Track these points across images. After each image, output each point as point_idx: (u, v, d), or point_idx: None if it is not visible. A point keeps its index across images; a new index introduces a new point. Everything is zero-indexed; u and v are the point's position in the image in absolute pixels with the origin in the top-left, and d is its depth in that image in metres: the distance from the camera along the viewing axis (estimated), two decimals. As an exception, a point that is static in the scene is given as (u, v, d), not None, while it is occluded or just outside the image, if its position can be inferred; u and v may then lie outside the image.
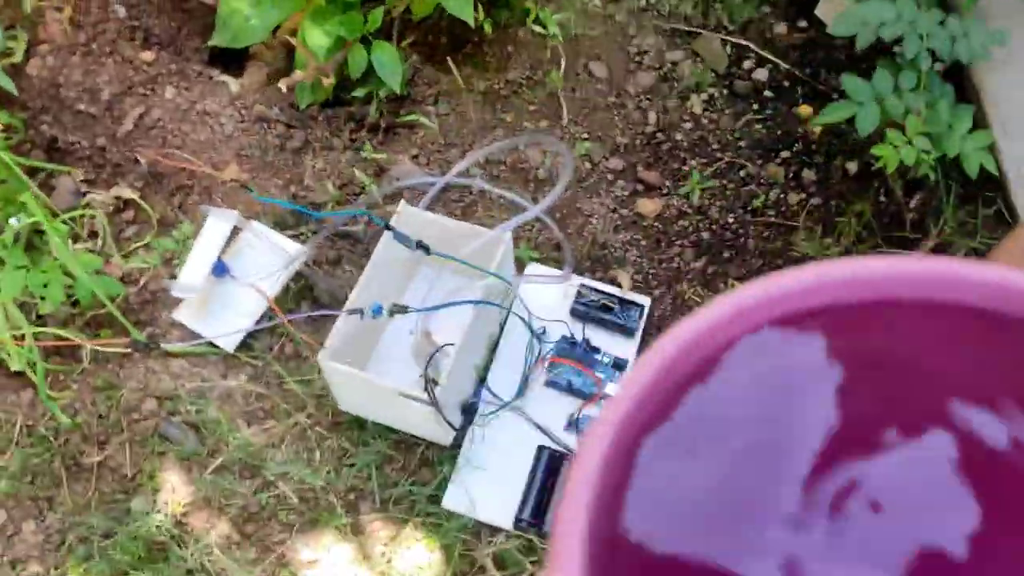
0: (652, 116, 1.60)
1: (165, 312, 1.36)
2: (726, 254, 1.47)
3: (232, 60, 1.66)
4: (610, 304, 1.34)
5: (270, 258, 1.33)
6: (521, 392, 1.26)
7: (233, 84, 1.57)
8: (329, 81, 1.45)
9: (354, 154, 1.52)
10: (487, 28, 1.63)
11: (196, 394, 1.28)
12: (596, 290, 1.35)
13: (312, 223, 1.44)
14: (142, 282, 1.37)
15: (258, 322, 1.30)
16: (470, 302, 1.19)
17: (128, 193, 1.47)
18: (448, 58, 1.61)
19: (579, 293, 1.34)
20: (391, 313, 1.19)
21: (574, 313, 1.34)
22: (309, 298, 1.37)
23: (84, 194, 1.48)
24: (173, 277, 1.37)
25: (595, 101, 1.62)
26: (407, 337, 1.33)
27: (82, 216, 1.42)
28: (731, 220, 1.50)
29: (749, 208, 1.51)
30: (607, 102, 1.62)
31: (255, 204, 1.44)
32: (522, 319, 1.26)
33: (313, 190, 1.48)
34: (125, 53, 1.59)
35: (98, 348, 1.29)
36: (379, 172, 1.50)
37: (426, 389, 1.16)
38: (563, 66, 1.63)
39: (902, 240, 1.47)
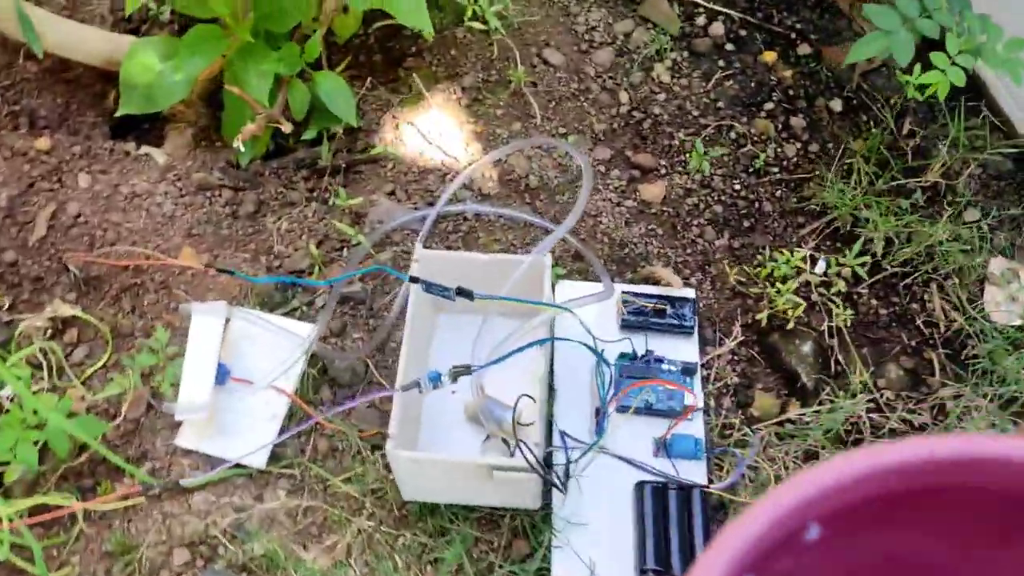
0: (623, 95, 1.48)
1: (159, 440, 1.13)
2: (746, 223, 1.37)
3: (135, 128, 1.42)
4: (662, 306, 1.21)
5: (275, 346, 1.13)
6: (603, 428, 1.12)
7: (158, 155, 1.33)
8: (287, 126, 1.24)
9: (321, 205, 1.33)
10: (426, 35, 1.46)
11: (234, 529, 1.06)
12: (642, 295, 1.22)
13: (303, 294, 1.24)
14: (123, 412, 1.14)
15: (285, 429, 1.10)
16: (540, 342, 1.04)
17: (65, 310, 1.22)
18: (412, 74, 1.43)
19: (624, 302, 1.21)
20: (454, 377, 1.01)
21: (626, 325, 1.21)
22: (325, 380, 1.18)
23: (9, 323, 1.22)
24: (156, 395, 1.15)
25: (559, 91, 1.48)
26: (451, 399, 1.16)
27: (20, 350, 1.17)
28: (738, 187, 1.41)
29: (752, 170, 1.42)
30: (571, 90, 1.48)
31: (231, 287, 1.23)
32: (588, 347, 1.11)
33: (288, 256, 1.28)
34: (14, 145, 1.32)
35: (94, 507, 1.05)
36: (356, 219, 1.31)
37: (514, 452, 1.00)
38: (517, 60, 1.48)
39: (910, 171, 1.42)
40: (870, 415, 1.19)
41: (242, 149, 1.20)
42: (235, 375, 1.12)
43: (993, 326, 1.28)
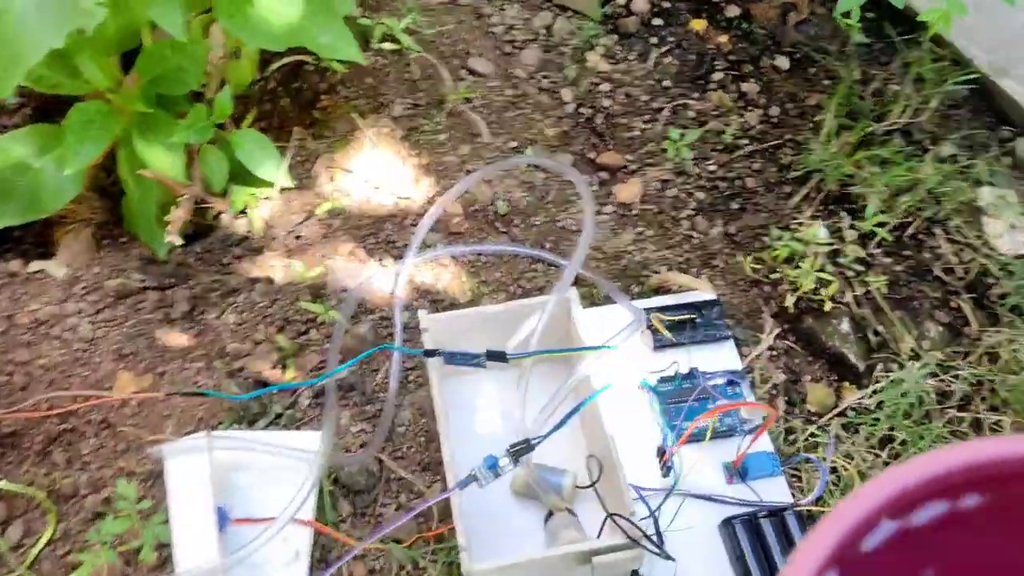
0: (565, 93, 1.34)
1: (152, 619, 0.91)
2: (735, 205, 1.26)
3: (6, 240, 1.16)
4: (691, 316, 1.08)
5: (273, 469, 0.93)
6: (677, 469, 0.97)
7: (54, 268, 1.09)
8: (223, 203, 1.03)
9: (267, 285, 1.12)
10: (336, 67, 1.27)
11: None
12: (666, 308, 1.09)
13: (281, 396, 1.03)
14: (98, 597, 0.90)
15: (316, 567, 0.90)
16: (597, 392, 0.88)
17: (-17, 484, 0.97)
18: (331, 114, 1.24)
19: (652, 322, 1.07)
20: (515, 459, 0.85)
21: (660, 345, 1.07)
22: (340, 491, 0.98)
23: (-87, 518, 0.96)
24: (131, 563, 0.92)
25: (496, 102, 1.32)
26: (492, 481, 0.98)
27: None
28: (713, 168, 1.29)
29: (721, 147, 1.31)
30: (508, 98, 1.33)
31: (192, 408, 1.01)
32: (648, 386, 0.97)
33: (248, 353, 1.07)
34: None
35: None
36: (317, 292, 1.12)
37: (603, 527, 0.84)
38: (444, 76, 1.31)
39: (877, 117, 1.34)
40: (926, 380, 1.10)
41: (177, 241, 0.99)
42: (236, 516, 0.90)
43: (1008, 258, 1.23)
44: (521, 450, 0.85)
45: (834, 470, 1.04)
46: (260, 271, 1.13)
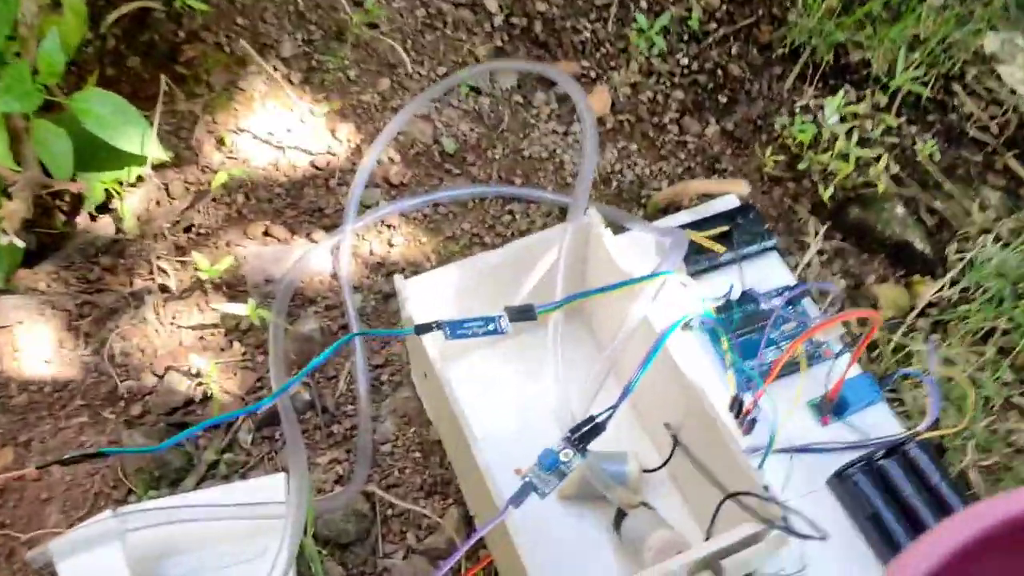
0: (490, 3, 1.08)
1: None
2: (723, 99, 1.04)
3: None
4: (726, 228, 0.84)
5: (227, 540, 0.63)
6: (771, 421, 0.73)
7: None
8: (81, 186, 0.72)
9: (159, 295, 0.81)
10: (197, 5, 0.97)
11: None
12: (695, 225, 0.84)
13: (209, 439, 0.73)
14: None
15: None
16: (663, 338, 0.63)
17: None
18: (200, 66, 0.94)
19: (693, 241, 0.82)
20: (581, 447, 0.58)
21: (697, 270, 0.83)
22: (326, 551, 0.69)
23: None
24: None
25: (409, 24, 1.05)
26: (556, 485, 0.71)
27: None
28: (686, 61, 1.06)
29: (690, 37, 1.08)
30: (422, 19, 1.06)
31: (81, 480, 0.70)
32: (714, 318, 0.72)
33: (150, 391, 0.76)
34: None
35: None
36: (234, 290, 0.82)
37: (715, 515, 0.59)
38: (337, 2, 1.03)
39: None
40: (1007, 253, 0.90)
41: (18, 243, 0.67)
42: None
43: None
44: (587, 433, 0.59)
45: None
46: (145, 280, 0.82)
